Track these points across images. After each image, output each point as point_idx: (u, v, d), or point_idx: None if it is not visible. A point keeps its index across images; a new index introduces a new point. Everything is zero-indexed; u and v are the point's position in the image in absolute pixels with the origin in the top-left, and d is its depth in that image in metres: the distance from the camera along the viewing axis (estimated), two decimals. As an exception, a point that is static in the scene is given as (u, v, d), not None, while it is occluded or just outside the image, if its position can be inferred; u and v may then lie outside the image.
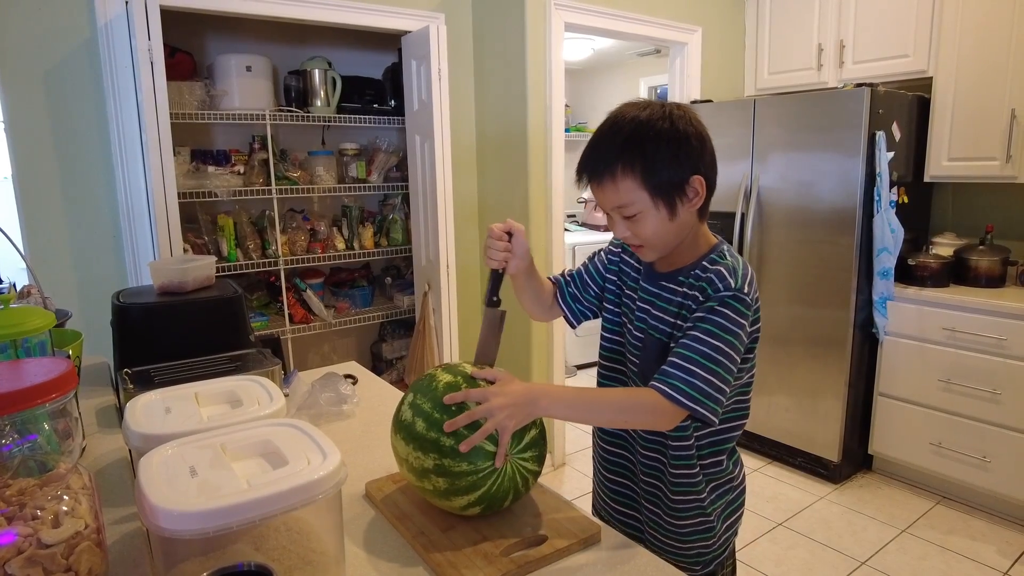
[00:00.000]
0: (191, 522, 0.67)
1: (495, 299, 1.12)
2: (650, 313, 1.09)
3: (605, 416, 1.02)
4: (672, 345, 1.01)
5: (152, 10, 2.09)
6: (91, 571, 0.65)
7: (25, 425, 0.76)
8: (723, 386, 0.96)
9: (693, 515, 1.10)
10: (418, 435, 0.96)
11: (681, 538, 1.12)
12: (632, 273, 1.15)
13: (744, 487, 1.17)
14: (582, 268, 1.24)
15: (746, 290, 0.99)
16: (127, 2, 2.12)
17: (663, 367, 0.98)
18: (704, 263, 1.03)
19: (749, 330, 1.01)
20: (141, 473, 0.75)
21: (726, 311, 0.97)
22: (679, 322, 1.03)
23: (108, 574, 0.72)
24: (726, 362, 0.96)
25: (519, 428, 0.95)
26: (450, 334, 2.95)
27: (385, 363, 3.46)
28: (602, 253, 1.22)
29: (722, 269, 1.00)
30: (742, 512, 1.17)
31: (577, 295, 1.23)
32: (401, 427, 1.00)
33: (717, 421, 0.97)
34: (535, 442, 0.99)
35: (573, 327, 1.26)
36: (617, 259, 1.19)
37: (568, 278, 1.25)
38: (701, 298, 1.00)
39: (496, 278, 1.14)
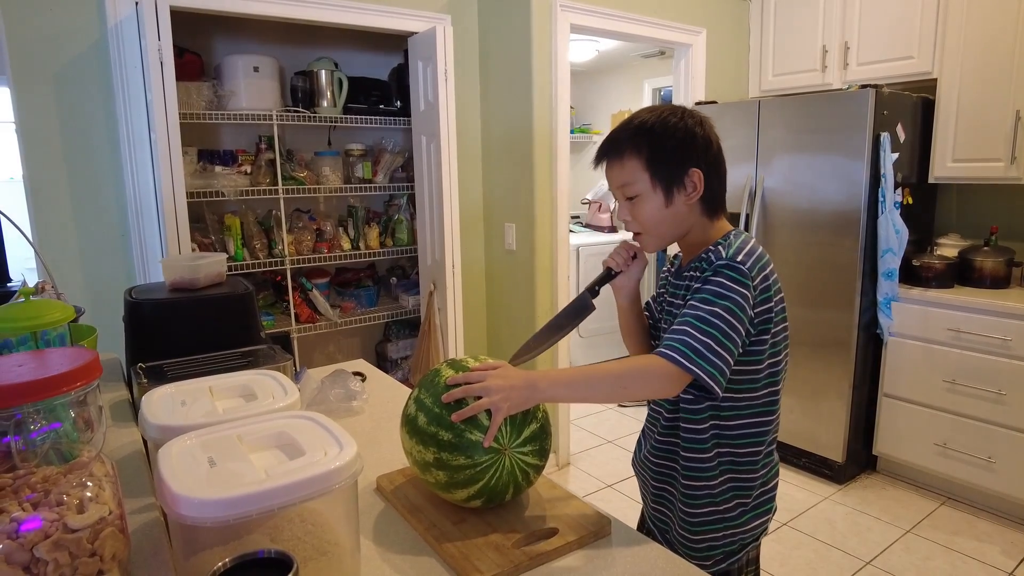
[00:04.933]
0: (212, 510, 0.68)
1: (596, 289, 1.21)
2: (674, 304, 1.15)
3: (605, 388, 1.03)
4: None
5: (162, 10, 2.10)
6: (115, 556, 0.67)
7: (49, 413, 0.78)
8: (720, 350, 0.98)
9: (703, 503, 1.11)
10: (420, 429, 0.98)
11: (692, 528, 1.13)
12: (669, 277, 1.22)
13: (772, 495, 1.16)
14: (649, 299, 1.32)
15: (740, 259, 1.02)
16: (137, 3, 2.14)
17: (664, 337, 1.03)
18: (710, 247, 1.09)
19: (756, 307, 1.03)
20: (161, 463, 0.76)
21: (719, 279, 1.02)
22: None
23: (130, 561, 0.73)
24: (722, 325, 0.99)
25: (516, 414, 0.98)
26: (455, 334, 2.96)
27: (390, 363, 3.47)
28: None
29: (720, 248, 1.06)
30: (767, 519, 1.16)
31: (648, 317, 1.30)
32: (406, 421, 1.03)
33: (720, 390, 0.98)
34: (535, 436, 1.00)
35: None
36: (665, 274, 1.26)
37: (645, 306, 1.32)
38: (700, 275, 1.06)
39: (606, 276, 1.22)
